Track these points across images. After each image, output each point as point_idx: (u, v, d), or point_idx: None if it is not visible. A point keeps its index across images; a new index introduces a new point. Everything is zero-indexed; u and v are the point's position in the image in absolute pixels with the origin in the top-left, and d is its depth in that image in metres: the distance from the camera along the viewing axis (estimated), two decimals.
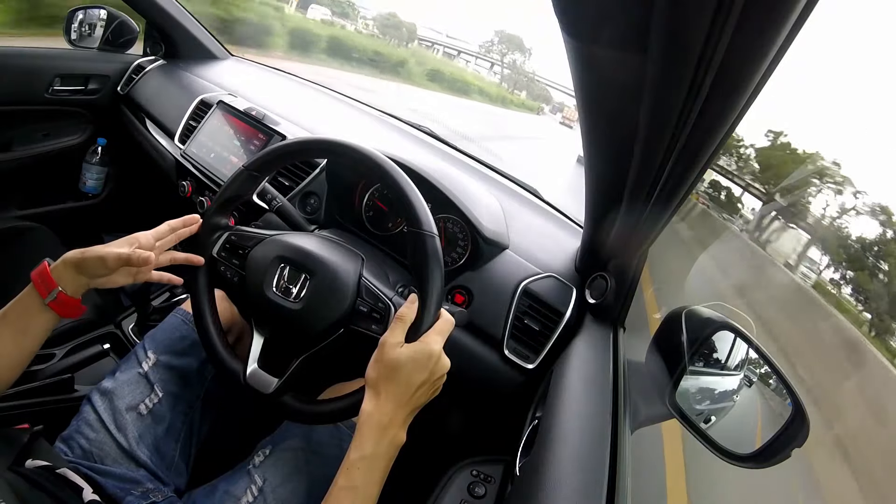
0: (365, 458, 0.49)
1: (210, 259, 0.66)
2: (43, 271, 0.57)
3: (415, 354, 0.52)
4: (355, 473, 0.48)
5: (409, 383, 0.51)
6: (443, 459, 0.68)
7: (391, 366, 0.51)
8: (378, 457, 0.49)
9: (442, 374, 0.54)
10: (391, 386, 0.51)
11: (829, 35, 14.02)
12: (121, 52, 1.37)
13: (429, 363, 0.52)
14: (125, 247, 0.59)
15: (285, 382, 0.59)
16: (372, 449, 0.49)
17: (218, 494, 0.62)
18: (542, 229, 0.96)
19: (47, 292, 0.56)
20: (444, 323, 0.55)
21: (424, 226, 0.57)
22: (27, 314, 0.57)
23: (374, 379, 0.52)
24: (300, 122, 1.12)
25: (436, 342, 0.53)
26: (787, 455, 0.53)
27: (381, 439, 0.49)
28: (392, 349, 0.52)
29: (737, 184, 7.14)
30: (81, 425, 0.64)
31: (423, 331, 0.54)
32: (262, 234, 0.66)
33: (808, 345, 2.91)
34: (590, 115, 0.44)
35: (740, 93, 0.31)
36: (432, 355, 0.52)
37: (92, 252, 0.58)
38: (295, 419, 0.61)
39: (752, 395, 0.65)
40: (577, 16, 0.31)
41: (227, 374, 0.62)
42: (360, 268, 0.63)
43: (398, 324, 0.54)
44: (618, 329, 0.75)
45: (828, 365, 2.86)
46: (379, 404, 0.51)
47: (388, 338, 0.53)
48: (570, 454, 0.48)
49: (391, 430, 0.50)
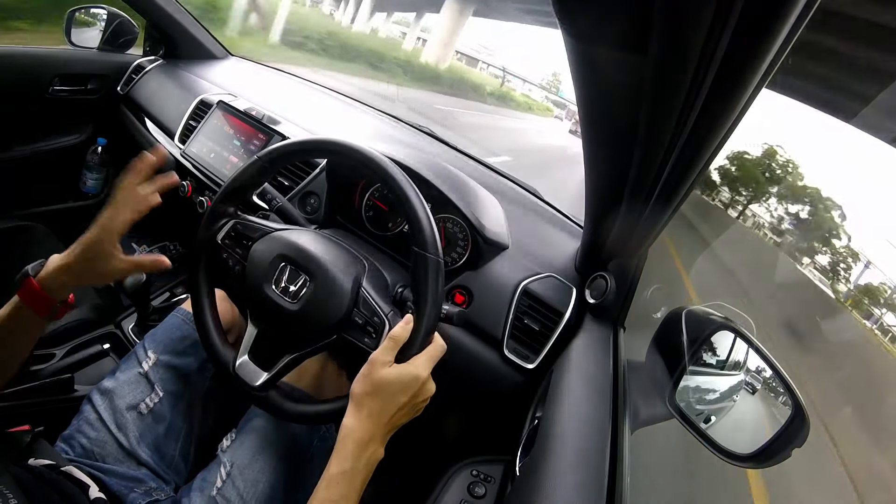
0: (345, 473, 0.50)
1: (214, 245, 0.66)
2: (34, 291, 0.55)
3: (401, 376, 0.52)
4: (334, 487, 0.50)
5: (392, 403, 0.52)
6: (443, 459, 0.68)
7: (377, 384, 0.52)
8: (357, 472, 0.51)
9: (425, 398, 0.55)
10: (374, 403, 0.52)
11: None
12: (121, 52, 1.37)
13: (414, 386, 0.53)
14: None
15: (272, 378, 0.60)
16: (352, 464, 0.50)
17: (196, 482, 0.62)
18: (542, 229, 0.96)
19: (47, 310, 0.57)
20: (436, 348, 0.56)
21: (430, 248, 0.57)
22: (18, 327, 0.56)
23: (359, 394, 0.53)
24: (300, 122, 1.12)
25: (424, 367, 0.54)
26: (788, 455, 0.53)
27: (361, 455, 0.51)
28: (380, 367, 0.53)
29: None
30: (82, 425, 0.64)
31: (414, 353, 0.54)
32: (268, 226, 0.66)
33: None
34: (590, 115, 0.44)
35: (740, 93, 0.31)
36: (418, 379, 0.53)
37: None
38: (277, 416, 0.62)
39: (751, 394, 0.65)
40: (578, 16, 0.31)
41: (218, 361, 0.63)
42: (360, 277, 0.63)
43: (390, 343, 0.54)
44: (618, 329, 0.75)
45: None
46: (360, 420, 0.52)
47: (378, 355, 0.54)
48: (570, 454, 0.48)
49: (371, 446, 0.51)
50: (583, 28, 0.32)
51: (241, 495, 0.59)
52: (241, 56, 1.58)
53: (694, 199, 3.66)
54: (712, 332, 0.63)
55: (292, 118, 1.12)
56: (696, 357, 0.62)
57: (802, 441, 0.52)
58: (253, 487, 0.60)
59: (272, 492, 0.61)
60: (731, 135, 0.37)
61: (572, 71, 0.37)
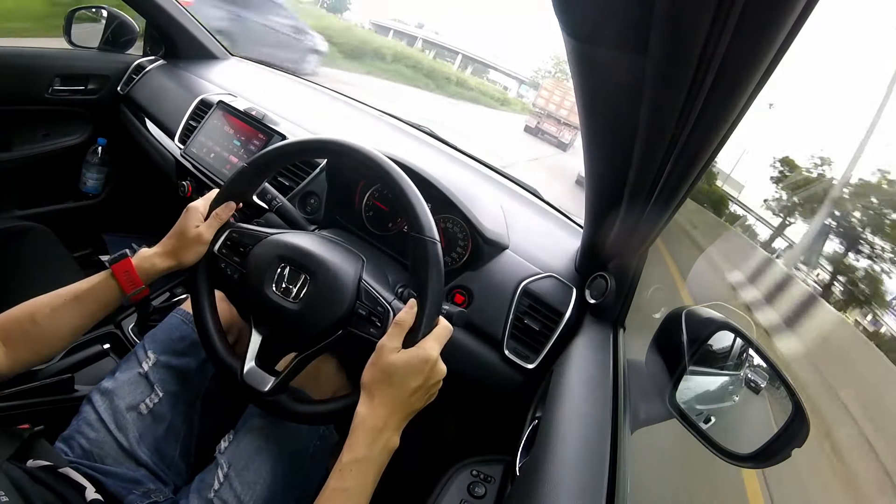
0: (358, 461, 0.49)
1: (211, 255, 0.66)
2: (129, 269, 0.61)
3: (411, 360, 0.52)
4: (347, 476, 0.49)
5: (405, 388, 0.52)
6: (443, 459, 0.68)
7: (387, 370, 0.52)
8: (371, 460, 0.50)
9: (438, 380, 0.55)
10: (386, 390, 0.51)
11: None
12: (121, 52, 1.37)
13: (424, 368, 0.52)
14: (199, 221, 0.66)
15: (281, 381, 0.59)
16: (365, 452, 0.49)
17: (194, 485, 0.62)
18: (542, 229, 0.96)
19: (132, 287, 0.62)
20: (442, 329, 0.56)
21: (426, 231, 0.57)
22: (101, 300, 0.61)
23: (369, 382, 0.52)
24: (300, 122, 1.12)
25: (433, 348, 0.53)
26: (788, 455, 0.53)
27: (374, 443, 0.50)
28: (389, 354, 0.52)
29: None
30: (82, 425, 0.64)
31: (421, 336, 0.54)
32: (264, 232, 0.66)
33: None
34: (590, 115, 0.44)
35: (740, 93, 0.31)
36: (428, 361, 0.52)
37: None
38: (289, 419, 0.61)
39: (751, 394, 0.65)
40: (578, 16, 0.31)
41: (225, 370, 0.62)
42: (360, 270, 0.63)
43: (396, 328, 0.54)
44: (618, 329, 0.75)
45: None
46: (373, 408, 0.51)
47: (385, 342, 0.53)
48: (570, 454, 0.48)
49: (385, 433, 0.51)
50: (583, 28, 0.32)
51: (238, 497, 0.59)
52: (242, 56, 1.58)
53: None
54: (712, 332, 0.63)
55: (292, 118, 1.12)
56: (696, 357, 0.62)
57: (802, 441, 0.52)
58: (251, 489, 0.60)
59: (270, 493, 0.61)
60: (731, 135, 0.37)
61: (572, 71, 0.37)
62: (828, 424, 2.36)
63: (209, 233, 0.66)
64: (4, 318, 0.57)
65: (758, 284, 3.62)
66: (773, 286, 3.76)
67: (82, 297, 0.60)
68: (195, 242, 0.65)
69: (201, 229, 0.65)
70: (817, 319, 3.33)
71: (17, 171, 1.29)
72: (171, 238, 0.66)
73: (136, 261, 0.63)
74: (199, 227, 0.65)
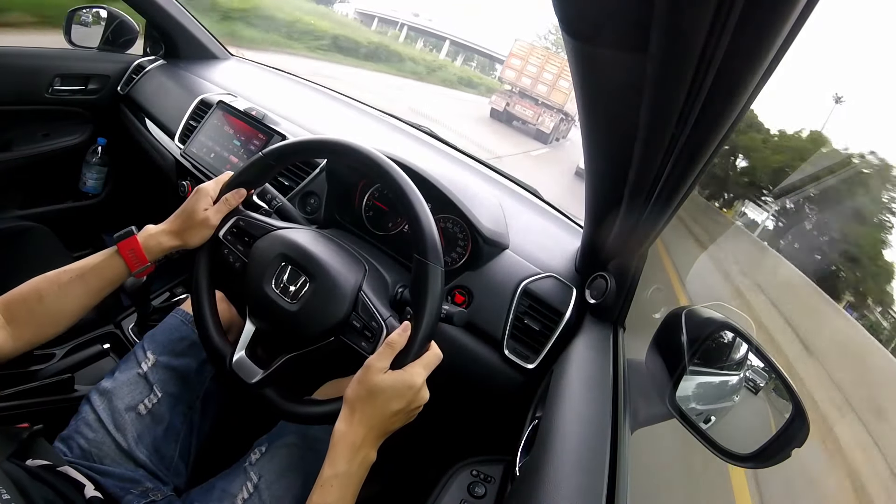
0: (338, 476, 0.50)
1: (216, 240, 0.67)
2: (135, 247, 0.62)
3: (395, 383, 0.52)
4: (329, 490, 0.50)
5: (386, 410, 0.52)
6: (443, 459, 0.68)
7: (372, 390, 0.52)
8: (350, 475, 0.51)
9: (419, 406, 0.55)
10: (367, 409, 0.52)
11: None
12: (121, 52, 1.37)
13: (408, 394, 0.53)
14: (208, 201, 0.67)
15: (268, 376, 0.60)
16: (345, 467, 0.50)
17: (215, 493, 0.62)
18: (542, 229, 0.96)
19: (138, 265, 0.62)
20: (432, 356, 0.56)
21: (430, 256, 0.57)
22: (106, 276, 0.61)
23: (352, 399, 0.53)
24: (300, 122, 1.12)
25: (419, 375, 0.54)
26: (788, 455, 0.53)
27: (353, 458, 0.51)
28: (375, 373, 0.53)
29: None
30: (81, 425, 0.64)
31: (409, 360, 0.54)
32: (271, 224, 0.67)
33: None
34: (590, 114, 0.44)
35: (740, 93, 0.31)
36: (413, 387, 0.53)
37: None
38: (272, 413, 0.62)
39: (751, 394, 0.65)
40: (578, 15, 0.31)
41: (214, 354, 0.63)
42: (361, 280, 0.63)
43: (386, 349, 0.54)
44: (618, 329, 0.75)
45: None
46: (353, 425, 0.52)
47: (373, 361, 0.54)
48: (570, 454, 0.48)
49: (363, 449, 0.52)
50: (582, 27, 0.32)
51: None
52: (242, 56, 1.58)
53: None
54: (712, 332, 0.63)
55: (292, 118, 1.12)
56: (697, 357, 0.62)
57: (802, 441, 0.52)
58: (279, 503, 0.61)
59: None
60: (731, 135, 0.37)
61: (572, 70, 0.37)
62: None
63: (217, 217, 0.66)
64: (9, 299, 0.57)
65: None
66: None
67: (88, 275, 0.60)
68: (202, 226, 0.65)
69: (209, 213, 0.66)
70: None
71: (16, 170, 1.29)
72: (179, 217, 0.66)
73: (141, 238, 0.63)
74: (208, 211, 0.66)
